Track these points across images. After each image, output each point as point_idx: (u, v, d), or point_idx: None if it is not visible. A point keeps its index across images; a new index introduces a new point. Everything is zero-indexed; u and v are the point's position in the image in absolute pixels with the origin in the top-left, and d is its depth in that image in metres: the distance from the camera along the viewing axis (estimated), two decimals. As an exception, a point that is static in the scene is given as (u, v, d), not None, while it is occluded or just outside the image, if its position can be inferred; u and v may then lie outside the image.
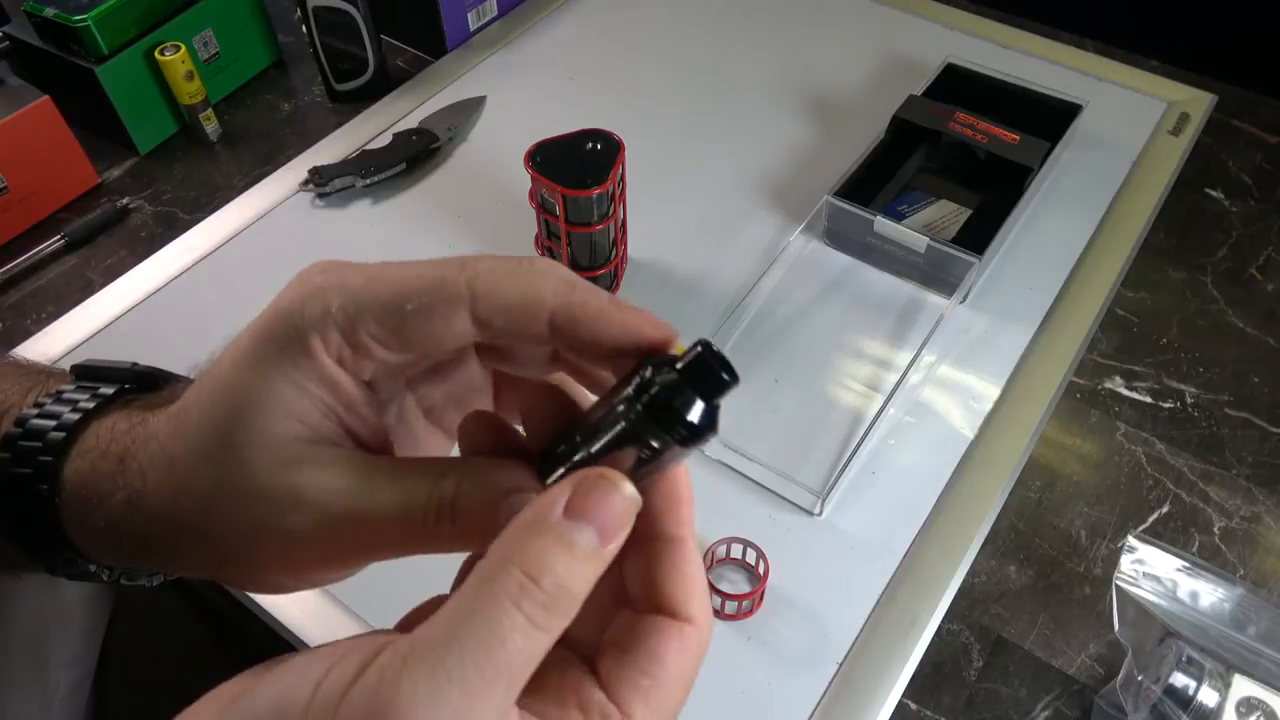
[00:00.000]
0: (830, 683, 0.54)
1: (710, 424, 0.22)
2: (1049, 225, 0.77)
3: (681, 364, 0.22)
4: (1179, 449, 0.66)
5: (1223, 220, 0.80)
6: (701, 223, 0.78)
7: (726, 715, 0.52)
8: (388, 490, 0.24)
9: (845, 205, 0.72)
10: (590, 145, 0.66)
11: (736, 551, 0.58)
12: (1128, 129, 0.85)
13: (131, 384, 0.30)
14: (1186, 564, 0.52)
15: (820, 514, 0.60)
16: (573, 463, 0.22)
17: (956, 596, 0.58)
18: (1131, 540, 0.53)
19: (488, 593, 0.20)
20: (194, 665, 0.59)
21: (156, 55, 0.84)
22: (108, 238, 0.81)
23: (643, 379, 0.22)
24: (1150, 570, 0.52)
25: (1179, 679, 0.47)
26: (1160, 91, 0.89)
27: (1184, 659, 0.48)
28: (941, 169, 0.80)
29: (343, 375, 0.24)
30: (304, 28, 0.87)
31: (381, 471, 0.25)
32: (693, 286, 0.73)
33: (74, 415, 0.28)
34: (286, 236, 0.78)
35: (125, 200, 0.83)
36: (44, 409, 0.28)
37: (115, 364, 0.30)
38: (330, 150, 0.85)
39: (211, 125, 0.89)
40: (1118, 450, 0.66)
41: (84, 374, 0.30)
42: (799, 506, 0.61)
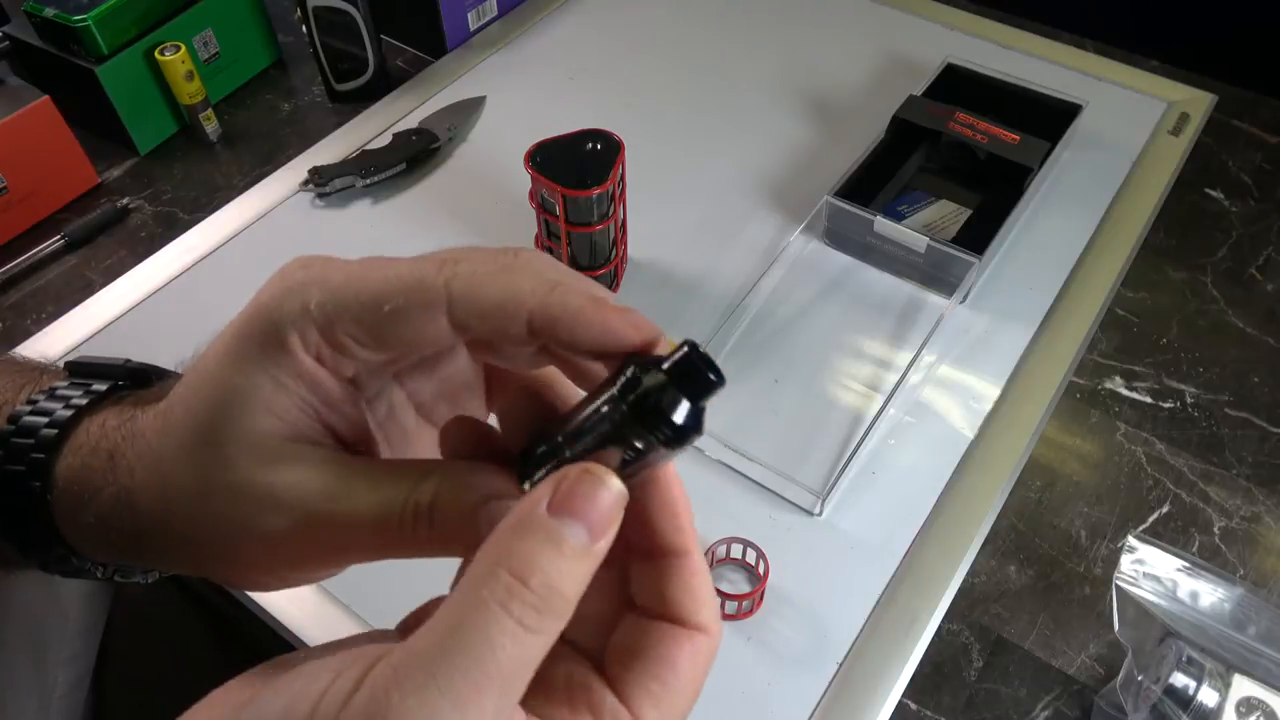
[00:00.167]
0: (830, 683, 0.54)
1: (696, 425, 0.21)
2: (1049, 225, 0.77)
3: (668, 364, 0.21)
4: (1179, 449, 0.66)
5: (1223, 220, 0.80)
6: (701, 223, 0.78)
7: (726, 715, 0.52)
8: (365, 492, 0.24)
9: (845, 205, 0.72)
10: (590, 145, 0.66)
11: (736, 551, 0.58)
12: (1128, 129, 0.85)
13: (125, 380, 0.30)
14: (1186, 564, 0.52)
15: (820, 514, 0.60)
16: (554, 463, 0.22)
17: (956, 596, 0.58)
18: (1131, 540, 0.53)
19: (475, 598, 0.19)
20: (192, 664, 0.59)
21: (156, 55, 0.84)
22: (108, 238, 0.82)
23: (628, 379, 0.21)
24: (1150, 570, 0.52)
25: (1179, 679, 0.47)
26: (1160, 91, 0.89)
27: (1184, 659, 0.48)
28: (941, 169, 0.80)
29: (322, 372, 0.24)
30: (304, 28, 0.87)
31: (359, 473, 0.24)
32: (693, 286, 0.73)
33: (66, 412, 0.28)
34: (286, 236, 0.78)
35: (125, 200, 0.84)
36: (37, 405, 0.28)
37: (109, 360, 0.30)
38: (330, 150, 0.85)
39: (211, 125, 0.89)
40: (1118, 450, 0.66)
41: (78, 370, 0.30)
42: (799, 506, 0.61)
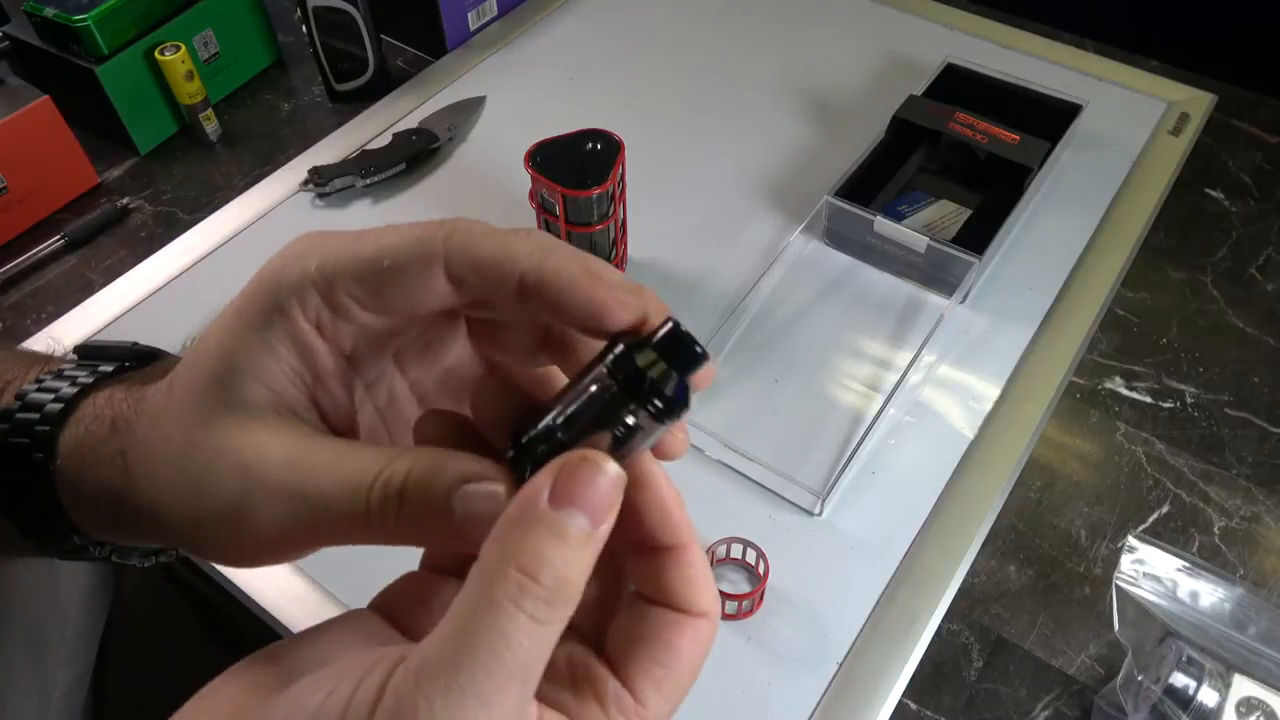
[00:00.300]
0: (830, 683, 0.54)
1: (684, 399, 0.22)
2: (1049, 225, 0.77)
3: (655, 341, 0.22)
4: (1179, 449, 0.65)
5: (1223, 220, 0.80)
6: (701, 223, 0.78)
7: (726, 715, 0.52)
8: (334, 467, 0.23)
9: (845, 205, 0.72)
10: (590, 145, 0.66)
11: (736, 551, 0.58)
12: (1128, 129, 0.85)
13: (131, 362, 0.30)
14: (1186, 564, 0.52)
15: (820, 514, 0.60)
16: (550, 445, 0.22)
17: (956, 596, 0.58)
18: (1131, 540, 0.53)
19: (488, 597, 0.19)
20: (191, 664, 0.59)
21: (156, 55, 0.84)
22: (108, 238, 0.82)
23: (617, 356, 0.22)
24: (1150, 570, 0.52)
25: (1179, 679, 0.47)
26: (1160, 91, 0.89)
27: (1184, 659, 0.47)
28: (941, 169, 0.80)
29: (318, 341, 0.24)
30: (304, 28, 0.87)
31: (328, 447, 0.24)
32: (693, 286, 0.73)
33: (72, 389, 0.28)
34: (286, 236, 0.77)
35: (125, 200, 0.84)
36: (43, 384, 0.28)
37: (116, 343, 0.31)
38: (330, 150, 0.85)
39: (211, 125, 0.89)
40: (1118, 450, 0.65)
41: (86, 353, 0.31)
42: (799, 506, 0.61)
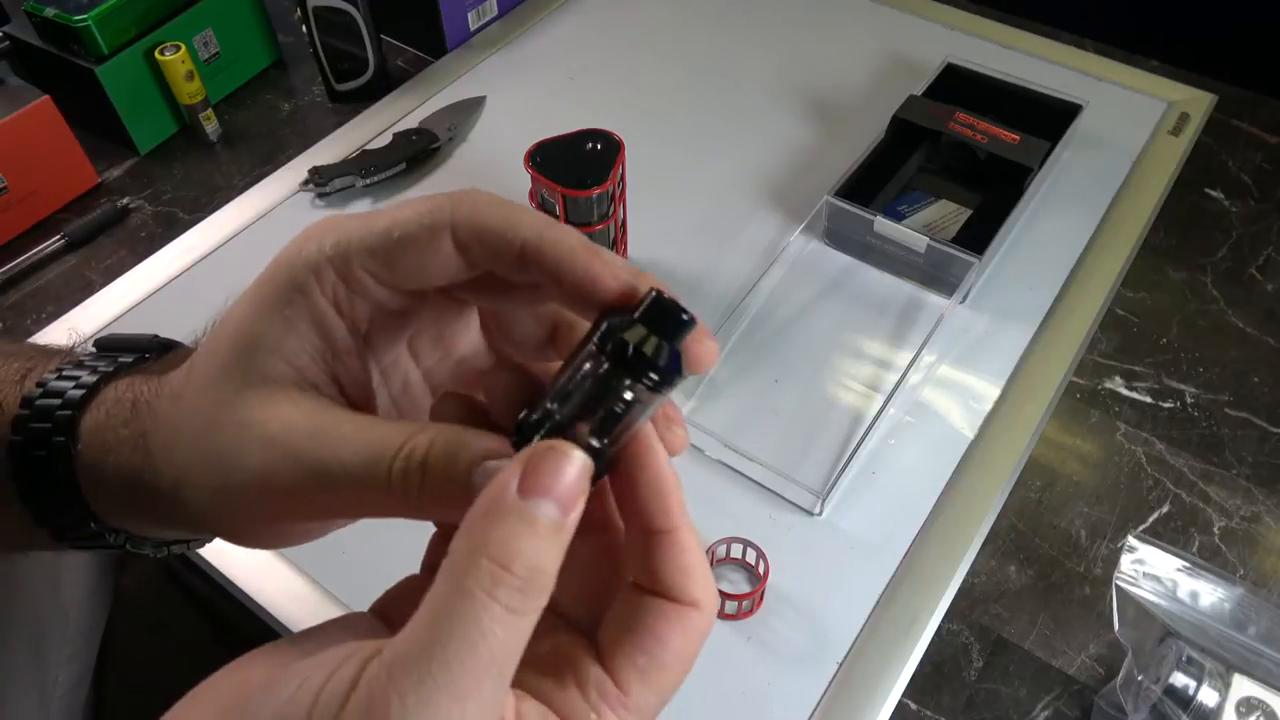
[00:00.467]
0: (830, 683, 0.54)
1: (676, 366, 0.22)
2: (1049, 225, 0.77)
3: (639, 312, 0.23)
4: (1179, 449, 0.66)
5: (1223, 220, 0.80)
6: (701, 223, 0.78)
7: (726, 715, 0.52)
8: (357, 437, 0.24)
9: (845, 205, 0.72)
10: (590, 145, 0.66)
11: (736, 551, 0.58)
12: (1128, 129, 0.85)
13: (151, 353, 0.31)
14: (1186, 564, 0.52)
15: (820, 514, 0.60)
16: (548, 426, 0.22)
17: (956, 596, 0.58)
18: (1131, 540, 0.53)
19: (460, 589, 0.19)
20: (192, 664, 0.59)
21: (156, 55, 0.84)
22: (108, 238, 0.82)
23: (604, 331, 0.22)
24: (1150, 570, 0.52)
25: (1179, 679, 0.47)
26: (1160, 91, 0.89)
27: (1184, 659, 0.47)
28: (941, 169, 0.80)
29: (335, 318, 0.25)
30: (304, 28, 0.87)
31: (353, 420, 0.24)
32: (693, 286, 0.73)
33: (93, 377, 0.29)
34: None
35: (125, 200, 0.84)
36: (63, 373, 0.29)
37: (137, 335, 0.32)
38: (330, 150, 0.85)
39: (211, 125, 0.89)
40: (1118, 450, 0.65)
41: (106, 345, 0.31)
42: (799, 506, 0.61)
